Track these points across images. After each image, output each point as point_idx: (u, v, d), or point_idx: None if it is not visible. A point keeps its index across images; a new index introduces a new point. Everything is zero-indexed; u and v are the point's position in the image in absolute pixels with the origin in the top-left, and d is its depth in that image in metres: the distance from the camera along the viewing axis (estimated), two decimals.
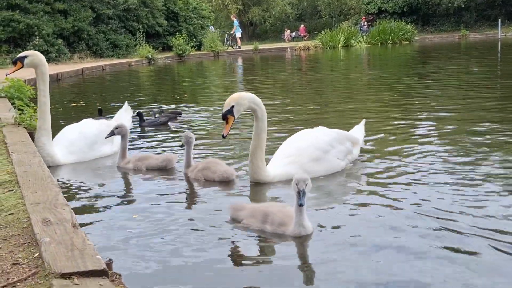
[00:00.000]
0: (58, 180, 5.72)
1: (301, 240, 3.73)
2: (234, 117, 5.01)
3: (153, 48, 33.56)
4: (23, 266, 2.72)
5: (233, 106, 4.97)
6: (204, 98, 13.46)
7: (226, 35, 42.52)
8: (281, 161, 5.29)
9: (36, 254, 2.82)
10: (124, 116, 7.70)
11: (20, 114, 7.51)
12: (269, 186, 5.12)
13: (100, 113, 9.55)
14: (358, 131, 6.06)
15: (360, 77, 17.46)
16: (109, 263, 2.76)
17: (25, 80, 12.89)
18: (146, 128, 8.94)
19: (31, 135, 6.59)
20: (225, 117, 5.01)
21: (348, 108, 10.21)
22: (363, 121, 6.24)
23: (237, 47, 41.10)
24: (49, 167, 6.01)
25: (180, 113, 10.00)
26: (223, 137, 5.12)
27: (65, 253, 2.70)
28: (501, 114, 8.21)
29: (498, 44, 30.01)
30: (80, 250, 2.74)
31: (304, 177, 3.74)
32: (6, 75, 6.68)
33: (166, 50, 36.79)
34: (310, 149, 5.27)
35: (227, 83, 18.53)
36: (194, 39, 38.20)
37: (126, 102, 8.14)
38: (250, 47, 40.44)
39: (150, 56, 32.00)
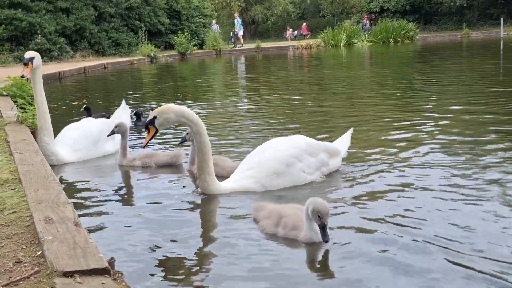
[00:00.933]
0: (61, 179, 5.75)
1: (313, 247, 3.62)
2: (156, 128, 4.81)
3: (155, 47, 33.59)
4: (26, 264, 2.73)
5: (155, 117, 4.79)
6: (207, 96, 13.45)
7: (231, 33, 42.64)
8: (241, 173, 5.06)
9: (39, 253, 2.83)
10: (122, 114, 7.70)
11: (22, 112, 7.53)
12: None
13: (88, 112, 9.29)
14: (342, 141, 5.70)
15: (362, 76, 17.44)
16: (111, 262, 2.77)
17: (27, 79, 12.89)
18: (139, 128, 8.84)
19: (33, 133, 6.60)
20: (147, 127, 4.85)
21: (349, 106, 10.21)
22: (350, 130, 5.82)
23: (240, 45, 41.12)
24: (53, 165, 6.05)
25: None
26: (143, 147, 5.08)
27: (67, 252, 2.70)
28: (505, 117, 8.18)
29: (501, 42, 29.96)
30: (82, 248, 2.75)
31: (326, 209, 3.53)
32: (23, 76, 6.72)
33: (168, 49, 36.82)
34: (271, 162, 4.97)
35: (229, 81, 18.54)
36: (196, 38, 38.22)
37: (124, 100, 8.12)
38: (252, 45, 40.45)
39: (152, 55, 32.01)
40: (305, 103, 10.99)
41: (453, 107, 9.05)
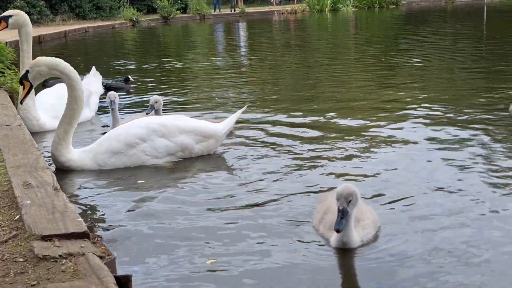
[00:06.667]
0: (41, 147, 5.66)
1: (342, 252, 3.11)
2: (30, 83, 4.62)
3: (137, 10, 32.95)
4: (4, 228, 2.71)
5: (28, 71, 4.63)
6: (189, 59, 13.30)
7: None
8: (90, 146, 4.86)
9: (17, 217, 2.81)
10: (93, 81, 7.50)
11: (0, 77, 7.37)
12: None
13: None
14: (228, 120, 5.11)
15: (346, 41, 17.38)
16: (91, 226, 2.76)
17: (6, 43, 12.61)
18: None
19: (12, 98, 6.48)
20: (21, 82, 4.69)
21: (332, 73, 10.18)
22: (242, 109, 5.21)
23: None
24: (34, 132, 5.93)
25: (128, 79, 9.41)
26: (20, 103, 5.04)
27: (46, 216, 2.69)
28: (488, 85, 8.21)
29: (484, 8, 29.96)
30: (61, 213, 2.74)
31: (347, 190, 3.03)
32: None
33: (151, 13, 36.15)
34: (113, 139, 4.76)
35: (214, 47, 18.35)
36: (179, 2, 37.56)
37: (94, 67, 7.80)
38: (236, 9, 39.86)
39: (134, 19, 31.42)
40: (288, 68, 10.94)
41: (439, 70, 9.07)
